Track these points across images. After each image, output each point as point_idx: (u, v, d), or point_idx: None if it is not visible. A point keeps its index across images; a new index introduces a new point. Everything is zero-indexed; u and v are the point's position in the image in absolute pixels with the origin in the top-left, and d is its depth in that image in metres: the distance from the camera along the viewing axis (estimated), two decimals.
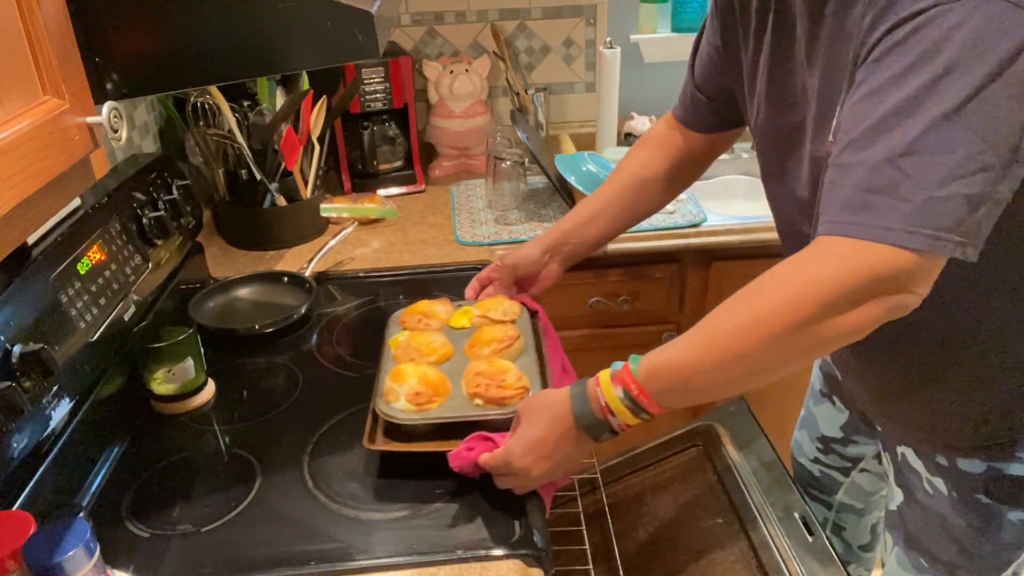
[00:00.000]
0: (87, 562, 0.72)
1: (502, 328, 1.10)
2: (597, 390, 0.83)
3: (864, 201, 0.68)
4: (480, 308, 1.18)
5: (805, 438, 1.32)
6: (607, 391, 0.82)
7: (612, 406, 0.82)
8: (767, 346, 0.73)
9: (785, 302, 0.72)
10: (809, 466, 1.32)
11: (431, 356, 1.07)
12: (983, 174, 0.66)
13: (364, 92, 1.81)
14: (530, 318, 1.19)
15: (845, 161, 0.71)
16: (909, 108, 0.67)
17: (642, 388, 0.80)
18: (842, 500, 1.30)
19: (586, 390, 0.84)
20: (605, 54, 1.85)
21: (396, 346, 1.10)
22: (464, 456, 0.91)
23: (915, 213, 0.66)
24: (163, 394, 1.12)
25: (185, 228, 1.35)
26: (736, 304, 0.76)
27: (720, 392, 0.80)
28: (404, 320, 1.18)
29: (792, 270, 0.73)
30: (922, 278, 0.70)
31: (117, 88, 0.79)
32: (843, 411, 1.21)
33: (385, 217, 1.71)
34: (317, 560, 0.86)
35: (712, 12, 1.03)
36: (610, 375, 0.83)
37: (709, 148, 1.18)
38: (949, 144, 0.65)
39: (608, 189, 1.21)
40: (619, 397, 0.81)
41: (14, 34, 0.62)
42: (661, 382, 0.79)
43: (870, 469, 1.24)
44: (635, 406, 0.81)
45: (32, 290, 0.92)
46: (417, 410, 0.96)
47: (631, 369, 0.81)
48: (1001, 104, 0.65)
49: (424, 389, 0.98)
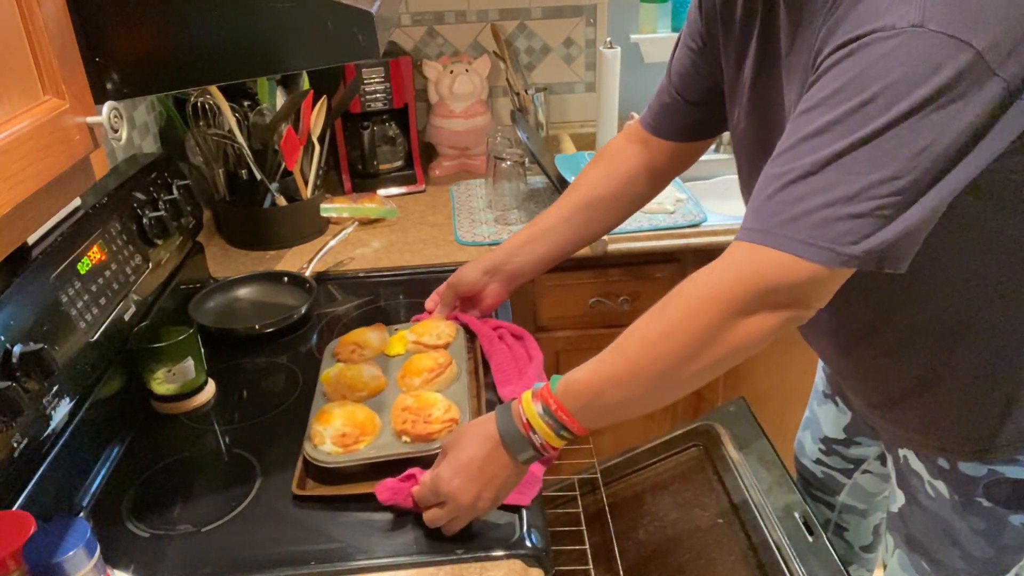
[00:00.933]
0: (87, 562, 0.72)
1: (433, 356, 1.10)
2: (519, 407, 0.84)
3: (773, 211, 0.71)
4: (415, 333, 1.18)
5: (808, 439, 1.32)
6: (527, 408, 0.83)
7: (533, 423, 0.82)
8: (672, 355, 0.75)
9: (687, 310, 0.74)
10: (812, 467, 1.32)
11: (361, 392, 1.06)
12: (894, 198, 0.67)
13: (364, 92, 1.81)
14: (466, 339, 1.18)
15: (769, 172, 0.73)
16: (832, 129, 0.68)
17: (560, 403, 0.81)
18: (844, 501, 1.30)
19: (510, 408, 0.85)
20: (605, 54, 1.85)
21: (328, 381, 1.09)
22: (395, 487, 0.90)
23: (817, 226, 0.68)
24: (163, 394, 1.12)
25: (185, 228, 1.35)
26: (647, 316, 0.78)
27: (636, 407, 0.81)
28: (338, 351, 1.17)
29: (700, 278, 0.75)
30: (817, 290, 0.72)
31: (117, 88, 0.79)
32: (846, 412, 1.21)
33: (385, 217, 1.71)
34: (317, 560, 0.86)
35: (695, 17, 1.03)
36: (531, 394, 0.83)
37: (673, 160, 1.15)
38: (862, 166, 0.67)
39: (557, 209, 1.19)
40: (539, 413, 0.82)
41: (14, 34, 0.62)
42: (578, 397, 0.80)
43: (872, 470, 1.24)
44: (556, 423, 0.81)
45: (32, 290, 0.92)
46: (344, 451, 0.95)
47: (550, 386, 0.82)
48: (923, 134, 0.66)
49: (350, 430, 0.97)
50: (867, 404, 1.04)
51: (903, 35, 0.65)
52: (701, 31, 1.02)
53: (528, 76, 2.07)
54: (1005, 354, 0.87)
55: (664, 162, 1.14)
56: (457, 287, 1.21)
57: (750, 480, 1.19)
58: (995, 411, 0.90)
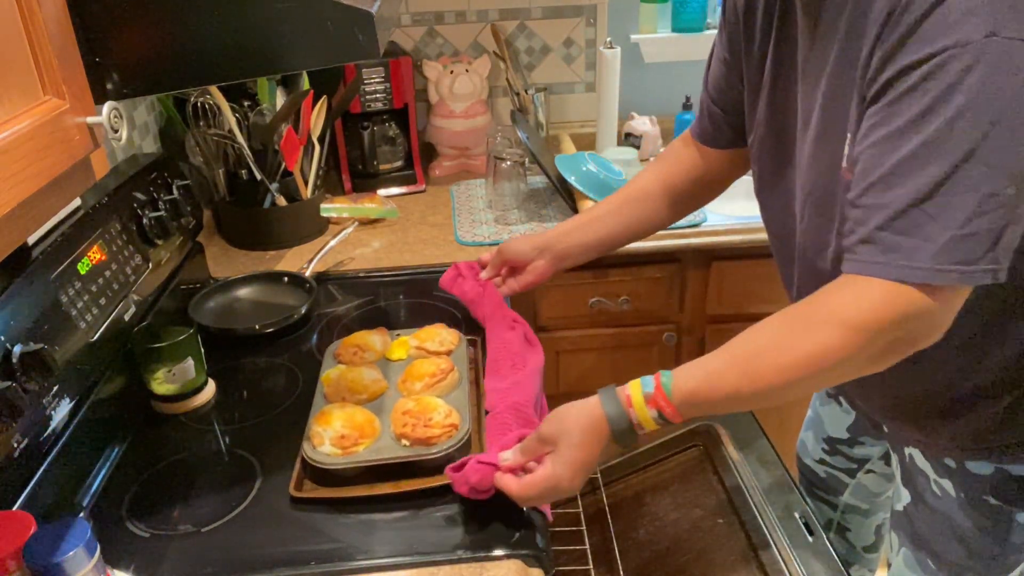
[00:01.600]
0: (87, 562, 0.72)
1: (435, 361, 1.09)
2: (631, 411, 0.84)
3: (891, 243, 0.72)
4: (417, 339, 1.18)
5: (811, 439, 1.32)
6: (641, 412, 0.84)
7: (645, 424, 0.84)
8: (799, 382, 0.78)
9: (822, 345, 0.75)
10: (815, 467, 1.32)
11: (361, 394, 1.06)
12: (1004, 208, 0.69)
13: (364, 92, 1.81)
14: (468, 347, 1.19)
15: (869, 203, 0.74)
16: (928, 152, 0.69)
17: (676, 412, 0.82)
18: (847, 501, 1.30)
19: (622, 411, 0.85)
20: (605, 54, 1.85)
21: (328, 382, 1.09)
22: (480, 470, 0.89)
23: (941, 252, 0.70)
24: (163, 394, 1.12)
25: (185, 228, 1.35)
26: (775, 338, 0.80)
27: (740, 409, 0.85)
28: (339, 353, 1.17)
29: (827, 310, 0.76)
30: (945, 315, 0.74)
31: (117, 88, 0.79)
32: (849, 412, 1.21)
33: (385, 217, 1.71)
34: (317, 560, 0.86)
35: (720, 25, 1.04)
36: (643, 398, 0.84)
37: (726, 167, 1.16)
38: (970, 184, 0.68)
39: (614, 198, 1.21)
40: (653, 417, 0.83)
41: (14, 34, 0.62)
42: (696, 407, 0.83)
43: (876, 470, 1.24)
44: (664, 422, 0.84)
45: (32, 290, 0.92)
46: (343, 453, 0.95)
47: (665, 392, 0.82)
48: (1018, 135, 0.67)
49: (350, 432, 0.97)
50: (876, 407, 1.04)
51: (979, 46, 0.66)
52: (727, 43, 1.03)
53: (528, 76, 2.07)
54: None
55: (717, 168, 1.16)
56: (504, 254, 1.22)
57: (750, 480, 1.19)
58: (1014, 411, 0.90)
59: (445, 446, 0.94)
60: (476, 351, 1.20)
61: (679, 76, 2.08)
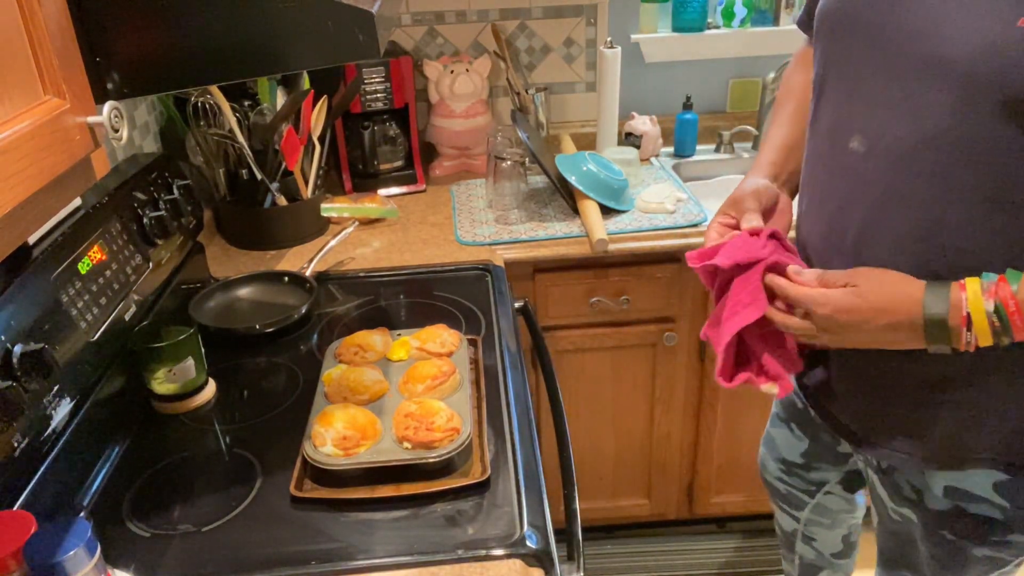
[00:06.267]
0: (88, 562, 0.72)
1: (436, 364, 1.09)
2: (963, 298, 0.75)
3: None
4: (418, 339, 1.17)
5: (768, 458, 1.29)
6: (975, 302, 0.74)
7: (975, 318, 0.74)
8: None
9: None
10: (775, 483, 1.30)
11: (363, 395, 1.06)
12: None
13: (365, 92, 1.81)
14: (469, 349, 1.18)
15: None
16: None
17: (1020, 307, 0.73)
18: (809, 516, 1.28)
19: (949, 293, 0.76)
20: (606, 54, 1.85)
21: (329, 382, 1.09)
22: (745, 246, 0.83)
23: None
24: (164, 394, 1.12)
25: (186, 228, 1.35)
26: None
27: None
28: (340, 353, 1.17)
29: None
30: None
31: (118, 88, 0.79)
32: (802, 439, 1.17)
33: (386, 217, 1.71)
34: (317, 560, 0.86)
35: None
36: (980, 287, 0.74)
37: None
38: None
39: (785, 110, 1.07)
40: (988, 311, 0.74)
41: (15, 34, 0.62)
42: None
43: (835, 492, 1.23)
44: (1003, 325, 0.74)
45: (33, 290, 0.92)
46: (344, 454, 0.95)
47: (1010, 285, 0.73)
48: None
49: (351, 433, 0.97)
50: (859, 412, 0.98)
51: None
52: None
53: (528, 76, 2.07)
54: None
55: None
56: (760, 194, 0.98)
57: None
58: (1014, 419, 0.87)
59: (446, 449, 0.95)
60: (477, 352, 1.20)
61: (679, 76, 2.08)
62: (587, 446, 1.80)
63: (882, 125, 0.80)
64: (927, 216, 0.79)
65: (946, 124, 0.75)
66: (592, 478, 1.85)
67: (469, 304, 1.36)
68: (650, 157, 1.98)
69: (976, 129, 0.74)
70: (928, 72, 0.76)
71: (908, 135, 0.78)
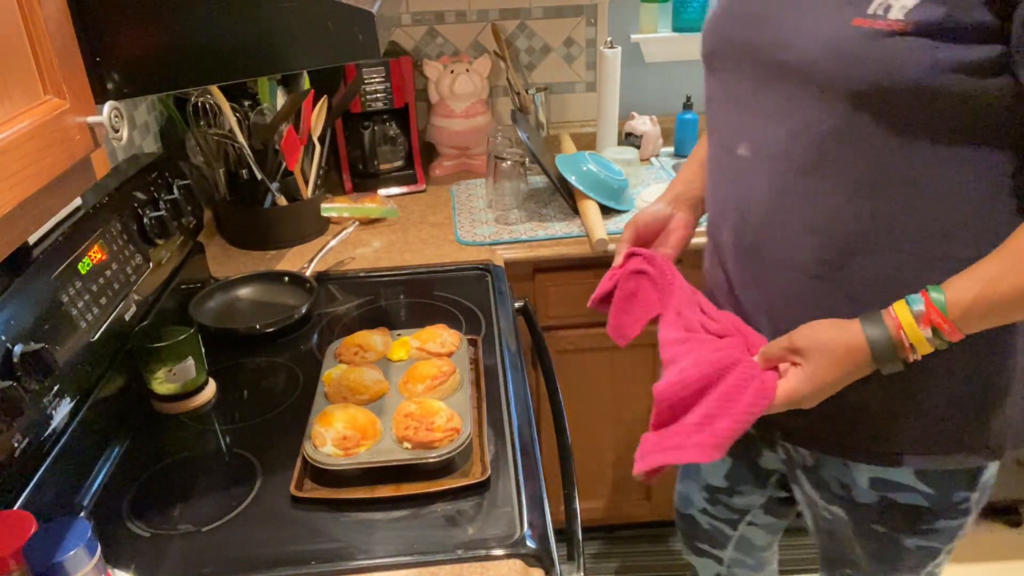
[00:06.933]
0: (88, 561, 0.72)
1: (436, 364, 1.09)
2: (901, 333, 0.79)
3: None
4: (418, 339, 1.17)
5: (692, 488, 1.26)
6: (912, 333, 0.78)
7: (916, 344, 0.79)
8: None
9: None
10: (698, 517, 1.26)
11: (362, 395, 1.06)
12: None
13: (365, 92, 1.81)
14: (470, 349, 1.18)
15: None
16: None
17: (955, 326, 0.77)
18: (732, 556, 1.27)
19: (887, 334, 0.80)
20: (606, 54, 1.85)
21: (329, 382, 1.09)
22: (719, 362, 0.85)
23: None
24: (164, 394, 1.12)
25: (186, 228, 1.35)
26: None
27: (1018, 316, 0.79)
28: (340, 353, 1.16)
29: None
30: None
31: (118, 88, 0.79)
32: (724, 459, 1.14)
33: (386, 217, 1.71)
34: (317, 560, 0.86)
35: None
36: (912, 316, 0.78)
37: None
38: None
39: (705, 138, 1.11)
40: (927, 338, 0.78)
41: (15, 34, 0.62)
42: (975, 317, 0.77)
43: (758, 522, 1.22)
44: (941, 341, 0.78)
45: (33, 290, 0.92)
46: (344, 454, 0.95)
47: (939, 308, 0.77)
48: None
49: (351, 433, 0.97)
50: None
51: None
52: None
53: (528, 76, 2.07)
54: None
55: None
56: (638, 223, 1.10)
57: None
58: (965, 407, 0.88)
59: (446, 450, 0.95)
60: (477, 352, 1.20)
61: (679, 76, 2.08)
62: (587, 446, 1.80)
63: (761, 130, 0.87)
64: (811, 209, 0.85)
65: (809, 121, 0.82)
66: (592, 478, 1.85)
67: (469, 304, 1.36)
68: (650, 157, 1.98)
69: (835, 123, 0.80)
70: (789, 77, 0.83)
71: (781, 136, 0.85)
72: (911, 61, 0.73)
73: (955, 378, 0.86)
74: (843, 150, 0.81)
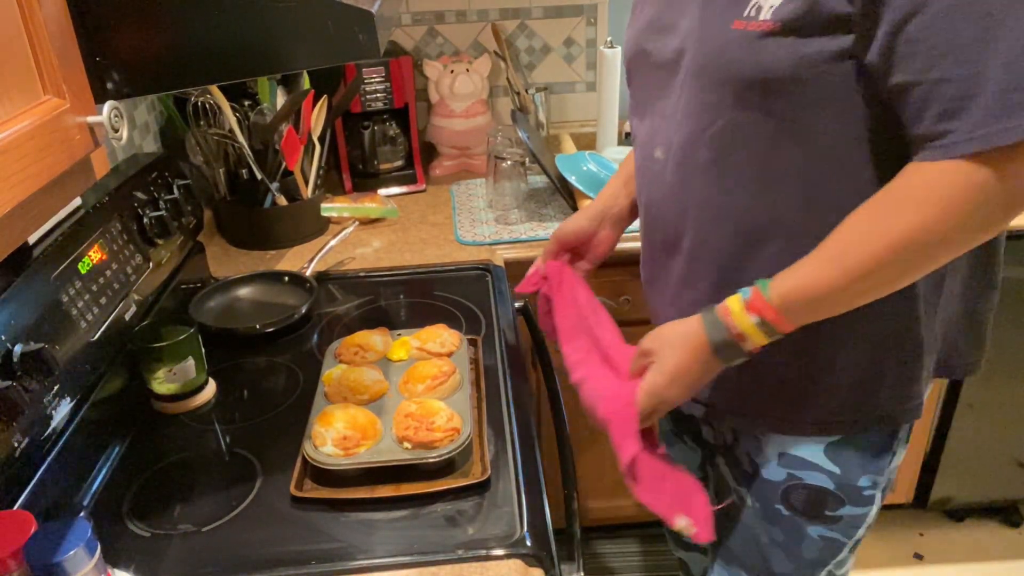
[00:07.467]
0: (88, 561, 0.72)
1: (436, 364, 1.09)
2: (729, 319, 0.83)
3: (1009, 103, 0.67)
4: (418, 339, 1.17)
5: None
6: (740, 320, 0.82)
7: (747, 332, 0.82)
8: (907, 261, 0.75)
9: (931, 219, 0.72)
10: None
11: (363, 395, 1.06)
12: None
13: (365, 91, 1.81)
14: (469, 349, 1.18)
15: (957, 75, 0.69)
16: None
17: (778, 313, 0.80)
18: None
19: (719, 320, 0.84)
20: (606, 53, 1.85)
21: (329, 382, 1.09)
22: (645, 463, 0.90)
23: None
24: (164, 394, 1.12)
25: (186, 228, 1.35)
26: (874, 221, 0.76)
27: (847, 306, 0.81)
28: (340, 352, 1.17)
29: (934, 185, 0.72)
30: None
31: (118, 87, 0.79)
32: (696, 450, 1.17)
33: (386, 217, 1.71)
34: (317, 560, 0.86)
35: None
36: (741, 304, 0.82)
37: None
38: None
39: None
40: (754, 324, 0.81)
41: (15, 34, 0.62)
42: (796, 305, 0.80)
43: None
44: (769, 329, 0.82)
45: (33, 290, 0.92)
46: (344, 454, 0.95)
47: (764, 296, 0.81)
48: None
49: (352, 433, 0.97)
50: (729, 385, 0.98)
51: None
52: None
53: (528, 76, 2.07)
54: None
55: None
56: (562, 237, 1.15)
57: None
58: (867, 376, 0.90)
59: (447, 450, 0.95)
60: (477, 352, 1.20)
61: None
62: (587, 446, 1.80)
63: (671, 133, 0.91)
64: (717, 205, 0.89)
65: (706, 121, 0.86)
66: (592, 478, 1.85)
67: (469, 304, 1.36)
68: None
69: (725, 123, 0.84)
70: (687, 81, 0.87)
71: (686, 137, 0.89)
72: (782, 59, 0.77)
73: (861, 347, 0.89)
74: (736, 149, 0.85)
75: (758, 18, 0.78)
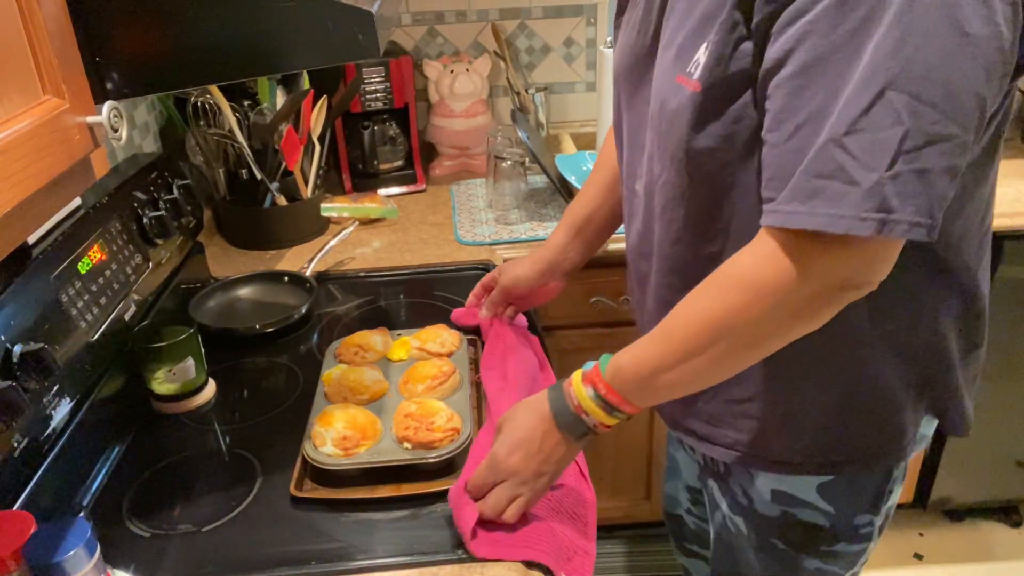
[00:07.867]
0: (87, 561, 0.72)
1: (436, 364, 1.09)
2: (570, 389, 0.83)
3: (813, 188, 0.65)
4: (418, 339, 1.17)
5: (677, 488, 1.25)
6: (579, 390, 0.82)
7: (584, 405, 0.82)
8: (722, 344, 0.74)
9: (739, 305, 0.72)
10: (685, 517, 1.26)
11: (362, 395, 1.06)
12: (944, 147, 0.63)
13: (364, 91, 1.81)
14: (469, 349, 1.18)
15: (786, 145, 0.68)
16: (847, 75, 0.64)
17: (609, 387, 0.80)
18: None
19: (561, 388, 0.84)
20: (606, 53, 1.85)
21: (329, 382, 1.09)
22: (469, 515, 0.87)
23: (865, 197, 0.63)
24: (164, 394, 1.12)
25: (186, 228, 1.35)
26: (695, 302, 0.76)
27: (687, 388, 0.80)
28: (340, 352, 1.17)
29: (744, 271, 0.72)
30: (878, 264, 0.69)
31: (117, 88, 0.79)
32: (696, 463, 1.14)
33: (386, 217, 1.71)
34: (317, 560, 0.86)
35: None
36: (581, 376, 0.83)
37: None
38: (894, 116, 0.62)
39: (593, 189, 1.17)
40: (590, 396, 0.81)
41: (14, 34, 0.62)
42: (627, 380, 0.80)
43: None
44: (607, 405, 0.81)
45: (32, 290, 0.92)
46: (344, 454, 0.95)
47: (599, 368, 0.81)
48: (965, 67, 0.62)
49: (351, 433, 0.97)
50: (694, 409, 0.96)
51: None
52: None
53: (528, 76, 2.07)
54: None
55: None
56: (513, 290, 1.17)
57: None
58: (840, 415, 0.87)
59: (446, 450, 0.95)
60: (477, 352, 1.20)
61: None
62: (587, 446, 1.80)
63: (646, 169, 0.89)
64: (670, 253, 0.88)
65: (658, 169, 0.85)
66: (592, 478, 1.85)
67: None
68: None
69: (670, 171, 0.83)
70: (651, 125, 0.85)
71: (651, 178, 0.88)
72: (708, 117, 0.75)
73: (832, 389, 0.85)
74: (677, 204, 0.84)
75: (693, 76, 0.75)
